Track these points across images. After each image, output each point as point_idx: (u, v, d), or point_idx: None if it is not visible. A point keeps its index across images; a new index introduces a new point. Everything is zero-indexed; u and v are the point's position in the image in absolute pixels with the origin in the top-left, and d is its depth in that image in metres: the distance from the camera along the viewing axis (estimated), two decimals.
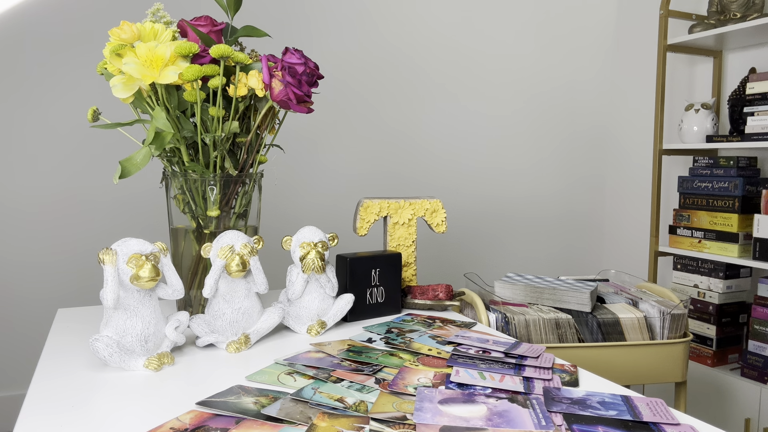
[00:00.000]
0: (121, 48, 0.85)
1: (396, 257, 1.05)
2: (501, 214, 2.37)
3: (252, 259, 0.84)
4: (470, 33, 2.26)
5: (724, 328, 1.88)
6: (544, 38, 2.38)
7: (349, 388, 0.68)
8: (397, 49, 2.15)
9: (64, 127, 1.76)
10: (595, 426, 0.60)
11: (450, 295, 1.08)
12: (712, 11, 1.94)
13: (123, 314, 0.74)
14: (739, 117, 1.90)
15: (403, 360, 0.79)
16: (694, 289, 1.95)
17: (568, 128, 2.47)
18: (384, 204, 1.11)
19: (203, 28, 0.94)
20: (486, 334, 0.91)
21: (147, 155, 0.88)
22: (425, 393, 0.66)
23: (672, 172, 2.25)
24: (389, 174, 2.18)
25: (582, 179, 2.52)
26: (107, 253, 0.72)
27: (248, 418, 0.60)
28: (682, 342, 1.17)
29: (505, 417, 0.61)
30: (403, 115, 2.18)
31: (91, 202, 1.80)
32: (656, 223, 2.04)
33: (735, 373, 1.83)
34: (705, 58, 2.14)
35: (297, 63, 0.91)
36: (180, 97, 0.92)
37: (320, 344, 0.85)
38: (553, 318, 1.14)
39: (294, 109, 0.92)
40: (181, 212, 0.96)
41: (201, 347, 0.85)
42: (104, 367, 0.76)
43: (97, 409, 0.64)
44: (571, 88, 2.46)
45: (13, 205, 1.72)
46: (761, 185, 1.83)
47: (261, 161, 1.01)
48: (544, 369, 0.76)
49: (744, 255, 1.80)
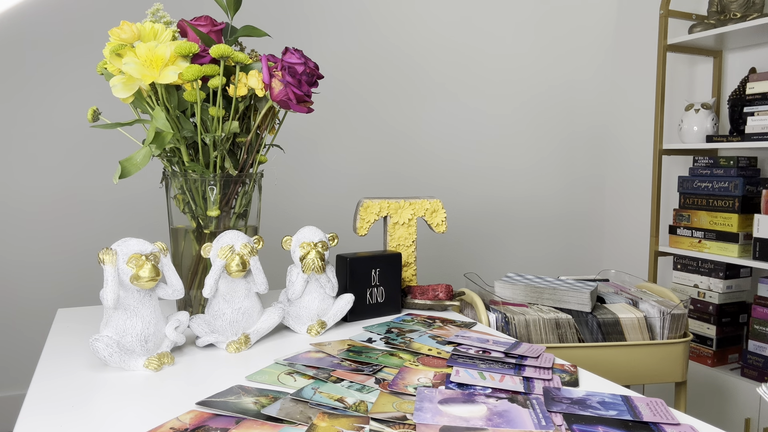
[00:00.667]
0: (121, 48, 0.85)
1: (396, 257, 1.05)
2: (501, 214, 2.37)
3: (252, 259, 0.84)
4: (470, 32, 2.26)
5: (724, 328, 1.88)
6: (543, 38, 2.38)
7: (349, 388, 0.68)
8: (396, 49, 2.15)
9: (64, 126, 1.76)
10: (595, 426, 0.60)
11: (450, 295, 1.08)
12: (712, 11, 1.94)
13: (123, 314, 0.74)
14: (739, 117, 1.90)
15: (403, 360, 0.79)
16: (694, 289, 1.95)
17: (568, 128, 2.47)
18: (384, 204, 1.11)
19: (203, 28, 0.94)
20: (486, 334, 0.91)
21: (147, 155, 0.88)
22: (425, 393, 0.66)
23: (672, 172, 2.25)
24: (389, 174, 2.18)
25: (582, 179, 2.52)
26: (107, 253, 0.72)
27: (248, 418, 0.60)
28: (682, 342, 1.17)
29: (505, 417, 0.61)
30: (403, 115, 2.18)
31: (91, 202, 1.80)
32: (656, 223, 2.04)
33: (735, 373, 1.83)
34: (705, 58, 2.14)
35: (297, 63, 0.91)
36: (180, 97, 0.92)
37: (320, 344, 0.85)
38: (553, 318, 1.14)
39: (294, 109, 0.92)
40: (181, 212, 0.96)
41: (201, 347, 0.85)
42: (104, 367, 0.76)
43: (97, 409, 0.64)
44: (571, 87, 2.46)
45: (13, 204, 1.72)
46: (761, 185, 1.83)
47: (261, 161, 1.01)
48: (544, 369, 0.76)
49: (744, 255, 1.80)
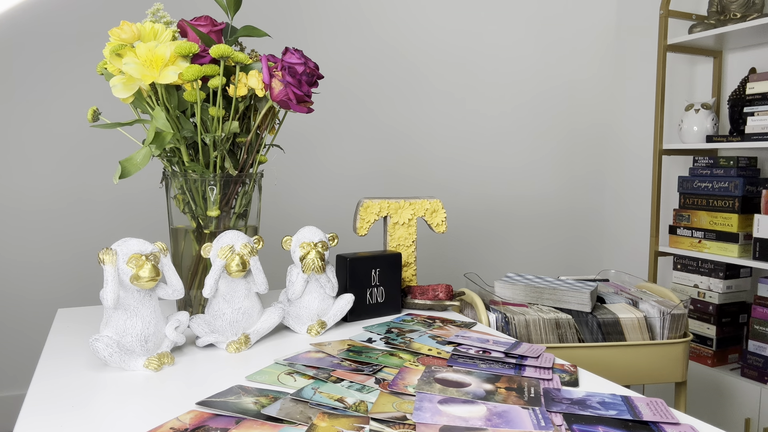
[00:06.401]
0: (121, 48, 0.85)
1: (396, 257, 1.05)
2: (501, 214, 2.37)
3: (252, 259, 0.84)
4: (470, 32, 2.26)
5: (724, 328, 1.88)
6: (543, 38, 2.38)
7: (349, 388, 0.68)
8: (397, 50, 2.15)
9: (65, 126, 1.76)
10: (595, 426, 0.60)
11: (450, 295, 1.08)
12: (712, 11, 1.93)
13: (123, 314, 0.74)
14: (739, 117, 1.90)
15: (403, 360, 0.79)
16: (694, 289, 1.95)
17: (568, 128, 2.47)
18: (384, 204, 1.11)
19: (203, 28, 0.94)
20: (486, 334, 0.91)
21: (147, 155, 0.88)
22: (425, 393, 0.66)
23: (672, 172, 2.25)
24: (389, 174, 2.18)
25: (582, 179, 2.52)
26: (107, 253, 0.72)
27: (248, 418, 0.60)
28: (682, 342, 1.17)
29: (505, 417, 0.61)
30: (403, 115, 2.18)
31: (92, 202, 1.80)
32: (656, 223, 2.04)
33: (735, 373, 1.83)
34: (705, 58, 2.14)
35: (297, 63, 0.91)
36: (180, 97, 0.92)
37: (320, 344, 0.85)
38: (553, 318, 1.14)
39: (294, 109, 0.92)
40: (181, 212, 0.96)
41: (201, 347, 0.85)
42: (104, 367, 0.76)
43: (97, 409, 0.64)
44: (571, 87, 2.46)
45: (14, 204, 1.72)
46: (761, 185, 1.83)
47: (261, 161, 1.01)
48: (544, 369, 0.76)
49: (744, 255, 1.80)
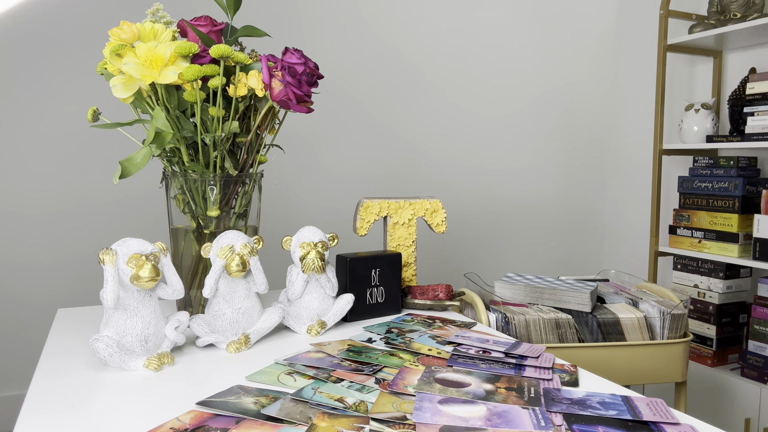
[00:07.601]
0: (121, 48, 0.85)
1: (396, 257, 1.05)
2: (501, 214, 2.37)
3: (252, 259, 0.84)
4: (470, 33, 2.26)
5: (724, 328, 1.88)
6: (544, 39, 2.38)
7: (349, 388, 0.68)
8: (397, 50, 2.15)
9: (64, 126, 1.76)
10: (595, 426, 0.60)
11: (450, 295, 1.08)
12: (712, 11, 1.93)
13: (123, 314, 0.74)
14: (739, 117, 1.90)
15: (403, 360, 0.79)
16: (694, 289, 1.94)
17: (568, 128, 2.47)
18: (384, 204, 1.11)
19: (203, 28, 0.94)
20: (486, 334, 0.91)
21: (147, 155, 0.88)
22: (425, 393, 0.66)
23: (672, 172, 2.25)
24: (389, 174, 2.18)
25: (582, 179, 2.52)
26: (107, 253, 0.72)
27: (248, 418, 0.60)
28: (682, 342, 1.17)
29: (505, 417, 0.61)
30: (404, 116, 2.18)
31: (92, 202, 1.80)
32: (656, 223, 2.04)
33: (735, 373, 1.83)
34: (705, 58, 2.14)
35: (297, 63, 0.91)
36: (180, 97, 0.92)
37: (320, 344, 0.85)
38: (553, 318, 1.14)
39: (294, 109, 0.92)
40: (181, 212, 0.96)
41: (201, 347, 0.85)
42: (104, 367, 0.76)
43: (97, 409, 0.64)
44: (571, 88, 2.46)
45: (14, 205, 1.72)
46: (761, 185, 1.83)
47: (261, 161, 1.01)
48: (544, 369, 0.76)
49: (744, 255, 1.80)
